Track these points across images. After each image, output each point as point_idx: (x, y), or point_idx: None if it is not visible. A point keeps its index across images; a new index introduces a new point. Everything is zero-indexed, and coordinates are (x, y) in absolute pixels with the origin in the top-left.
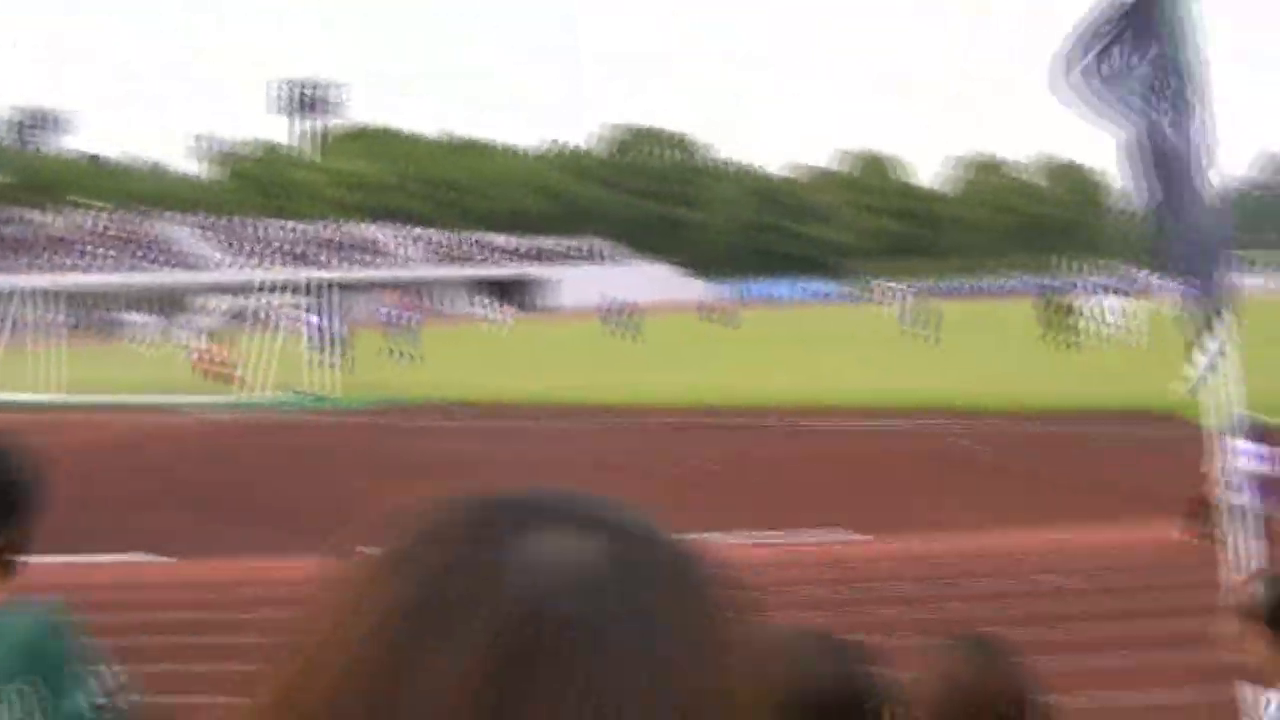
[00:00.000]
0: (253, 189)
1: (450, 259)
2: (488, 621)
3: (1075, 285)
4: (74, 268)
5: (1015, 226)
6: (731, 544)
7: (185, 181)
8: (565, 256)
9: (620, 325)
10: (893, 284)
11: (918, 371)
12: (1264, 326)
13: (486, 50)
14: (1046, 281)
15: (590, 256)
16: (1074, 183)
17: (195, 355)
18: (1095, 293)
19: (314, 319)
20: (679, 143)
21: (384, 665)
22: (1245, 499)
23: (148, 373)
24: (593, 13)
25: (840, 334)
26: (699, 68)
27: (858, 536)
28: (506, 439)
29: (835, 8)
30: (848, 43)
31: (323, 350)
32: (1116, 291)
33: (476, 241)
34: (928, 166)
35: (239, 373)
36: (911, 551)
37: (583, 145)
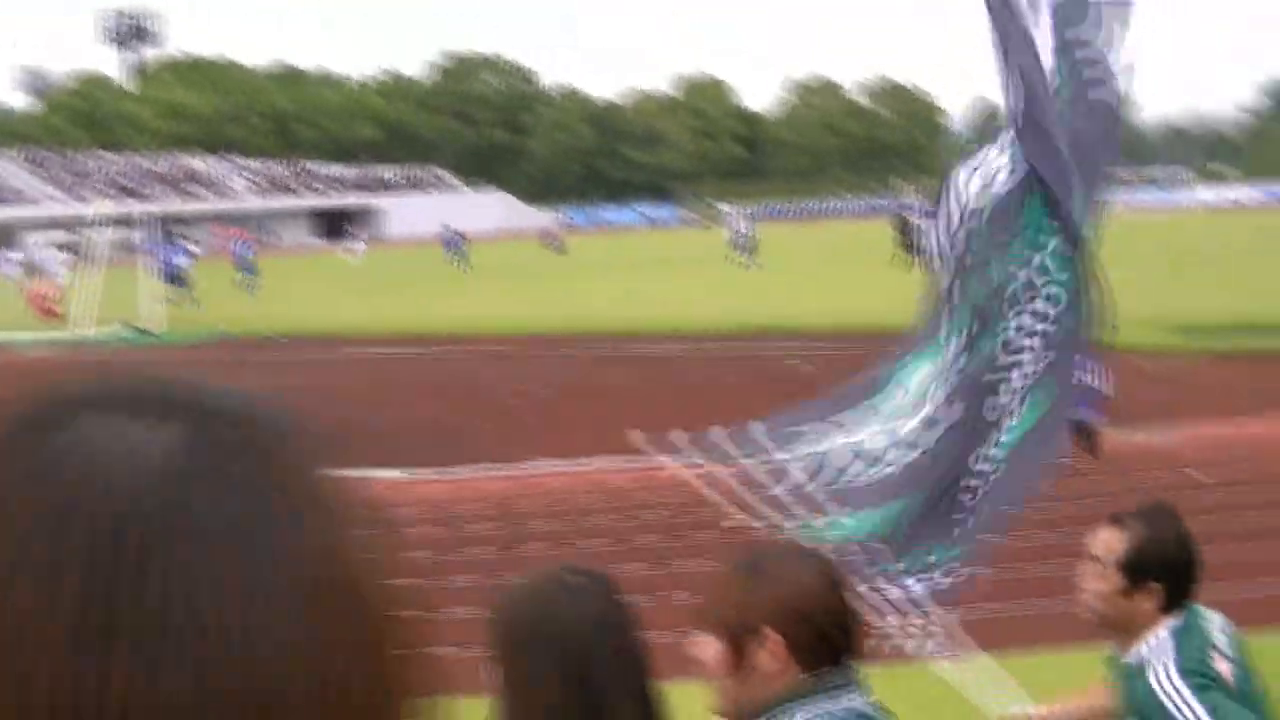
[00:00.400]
0: (77, 121)
1: (282, 190)
2: (77, 539)
3: (914, 206)
4: None
5: (848, 149)
6: (563, 470)
7: (6, 114)
8: (399, 186)
9: (457, 254)
10: (726, 207)
11: (749, 294)
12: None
13: None
14: (884, 202)
15: (424, 185)
16: (905, 104)
17: (26, 293)
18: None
19: (156, 252)
20: (511, 69)
21: None
22: (1083, 413)
23: None
24: None
25: (674, 258)
26: None
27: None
28: (336, 369)
29: None
30: None
31: (168, 283)
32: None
33: (308, 172)
34: (760, 90)
35: (67, 309)
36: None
37: (414, 73)
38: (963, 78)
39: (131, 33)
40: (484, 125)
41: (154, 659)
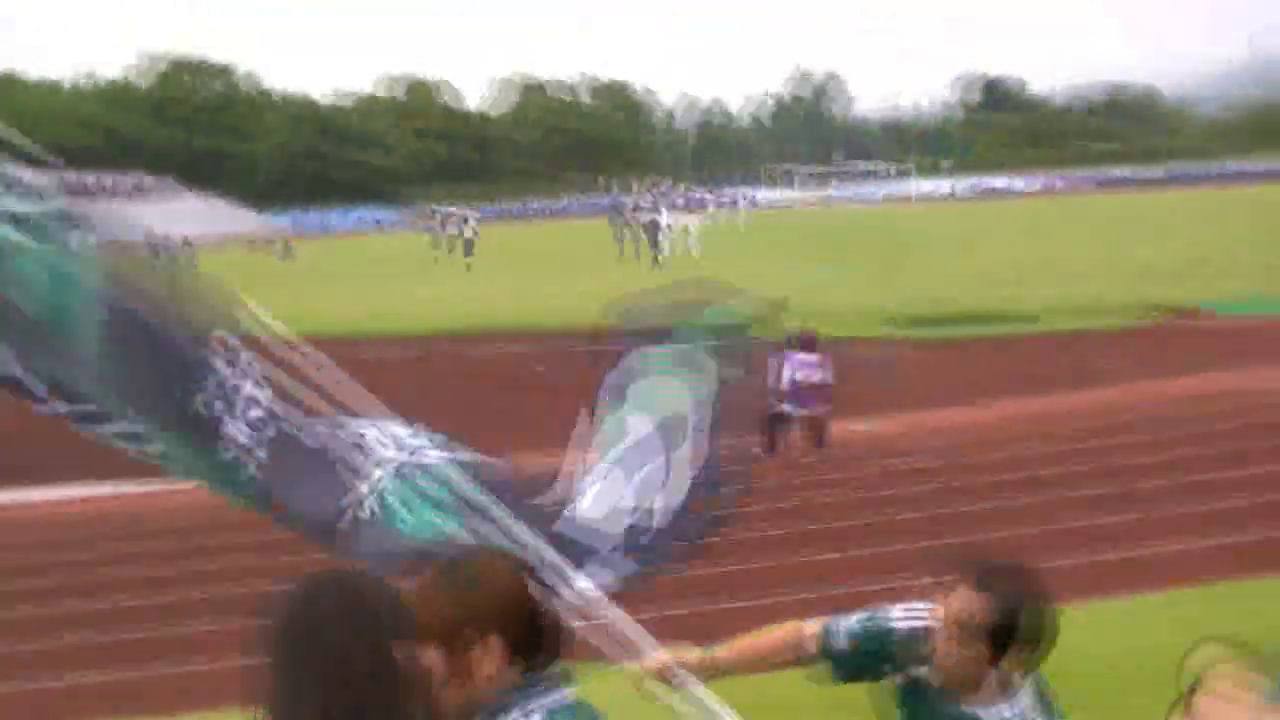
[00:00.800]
0: None
1: None
2: None
3: (633, 203)
4: None
5: (563, 146)
6: None
7: None
8: (109, 192)
9: (167, 260)
10: (446, 209)
11: (470, 294)
12: (790, 235)
13: None
14: (607, 200)
15: (134, 192)
16: (618, 101)
17: None
18: (667, 210)
19: None
20: (222, 73)
21: None
22: (800, 408)
23: None
24: None
25: (393, 259)
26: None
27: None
28: None
29: None
30: None
31: None
32: (685, 208)
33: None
34: (473, 90)
35: None
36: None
37: (122, 77)
38: (676, 74)
39: None
40: (197, 130)
41: None
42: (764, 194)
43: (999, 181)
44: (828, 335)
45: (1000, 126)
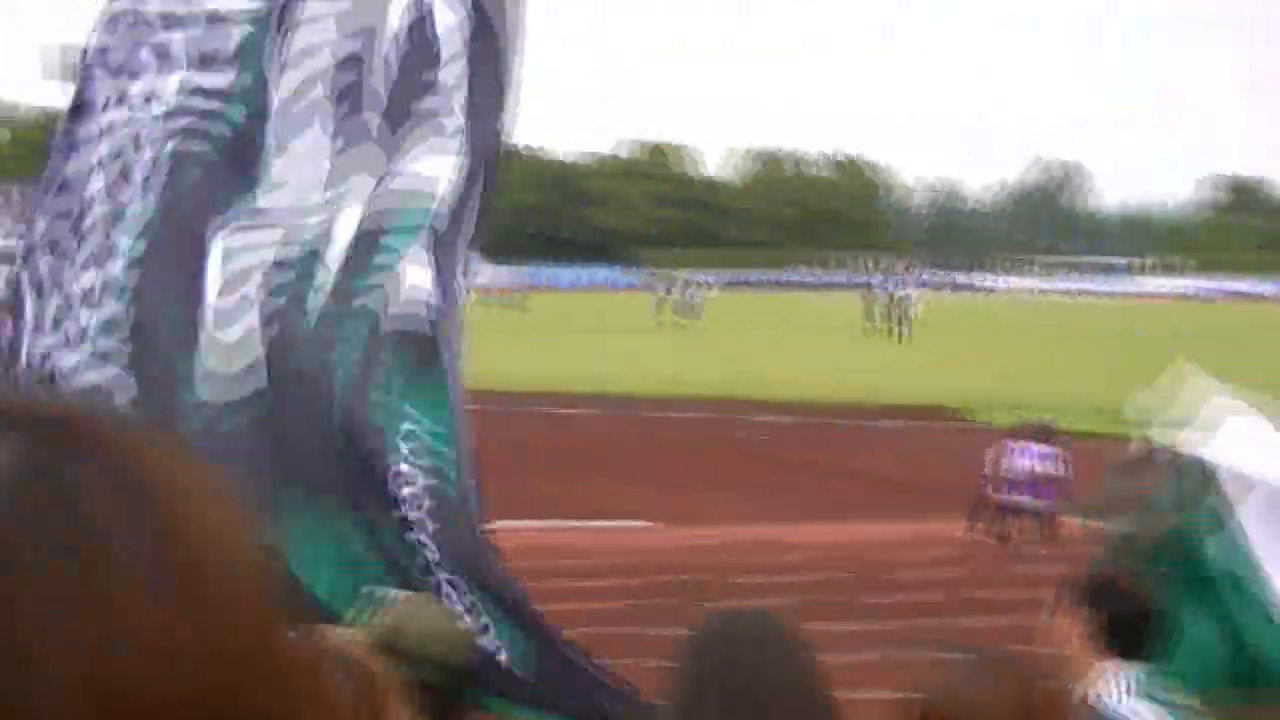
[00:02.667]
0: (37, 156)
1: None
2: None
3: (877, 280)
4: None
5: (796, 218)
6: (520, 530)
7: None
8: None
9: None
10: (680, 273)
11: (707, 362)
12: (1043, 328)
13: None
14: (842, 278)
15: None
16: (862, 179)
17: None
18: (908, 287)
19: None
20: None
21: None
22: (1026, 498)
23: None
24: None
25: (627, 321)
26: None
27: (641, 525)
28: None
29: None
30: (636, 26)
31: None
32: (919, 286)
33: None
34: (721, 157)
35: None
36: (692, 542)
37: None
38: (919, 157)
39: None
40: None
41: (18, 673)
42: (997, 280)
43: (1243, 284)
44: (1064, 429)
45: (1246, 229)
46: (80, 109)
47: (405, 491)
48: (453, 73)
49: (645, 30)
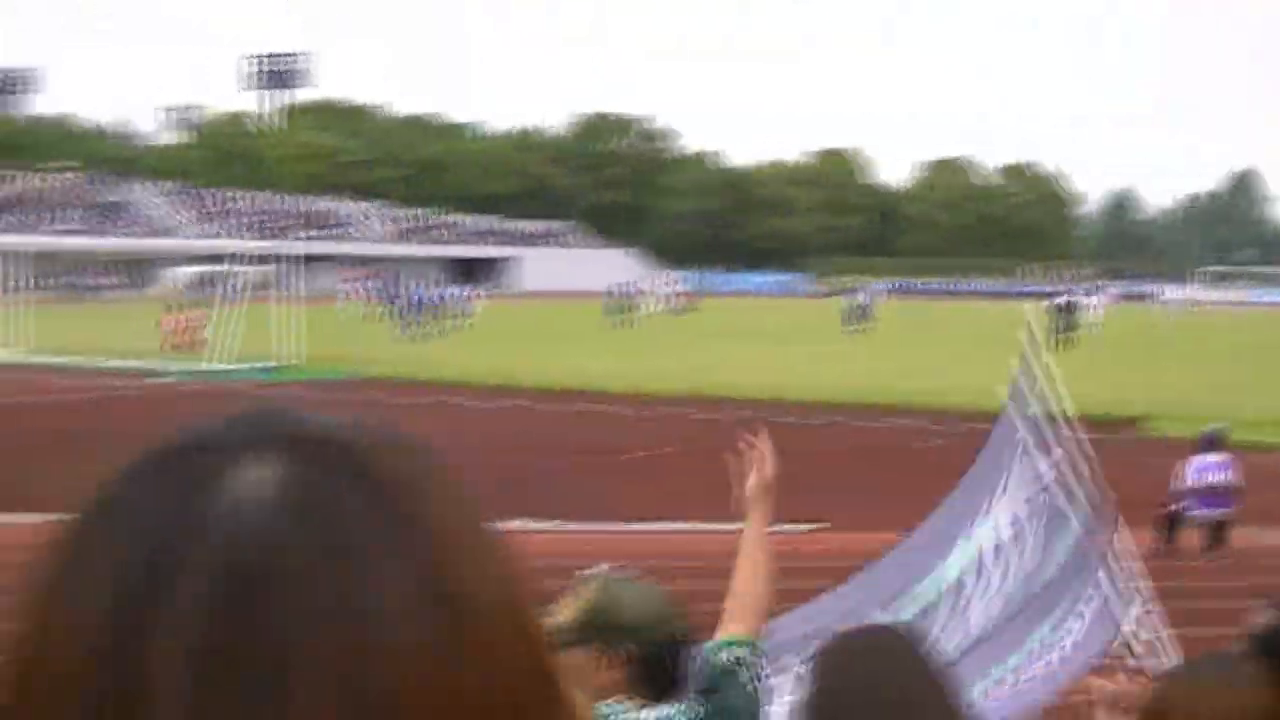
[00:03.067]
0: (221, 159)
1: (415, 236)
2: (189, 585)
3: (1055, 289)
4: (42, 228)
5: (978, 229)
6: (686, 531)
7: (154, 149)
8: (530, 239)
9: (617, 311)
10: (855, 280)
11: (880, 367)
12: (1218, 339)
13: (465, 27)
14: (1014, 288)
15: (554, 240)
16: (1038, 188)
17: (168, 325)
18: (1086, 294)
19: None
20: (648, 131)
21: (101, 642)
22: (1204, 509)
23: (116, 336)
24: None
25: (804, 327)
26: (675, 61)
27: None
28: (477, 417)
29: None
30: (829, 40)
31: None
32: (1092, 294)
33: (442, 220)
34: (894, 165)
35: (206, 340)
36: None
37: (554, 129)
38: (1098, 166)
39: (278, 76)
40: (617, 184)
41: (276, 694)
42: (1173, 290)
43: None
44: (1240, 439)
45: None
46: None
47: None
48: None
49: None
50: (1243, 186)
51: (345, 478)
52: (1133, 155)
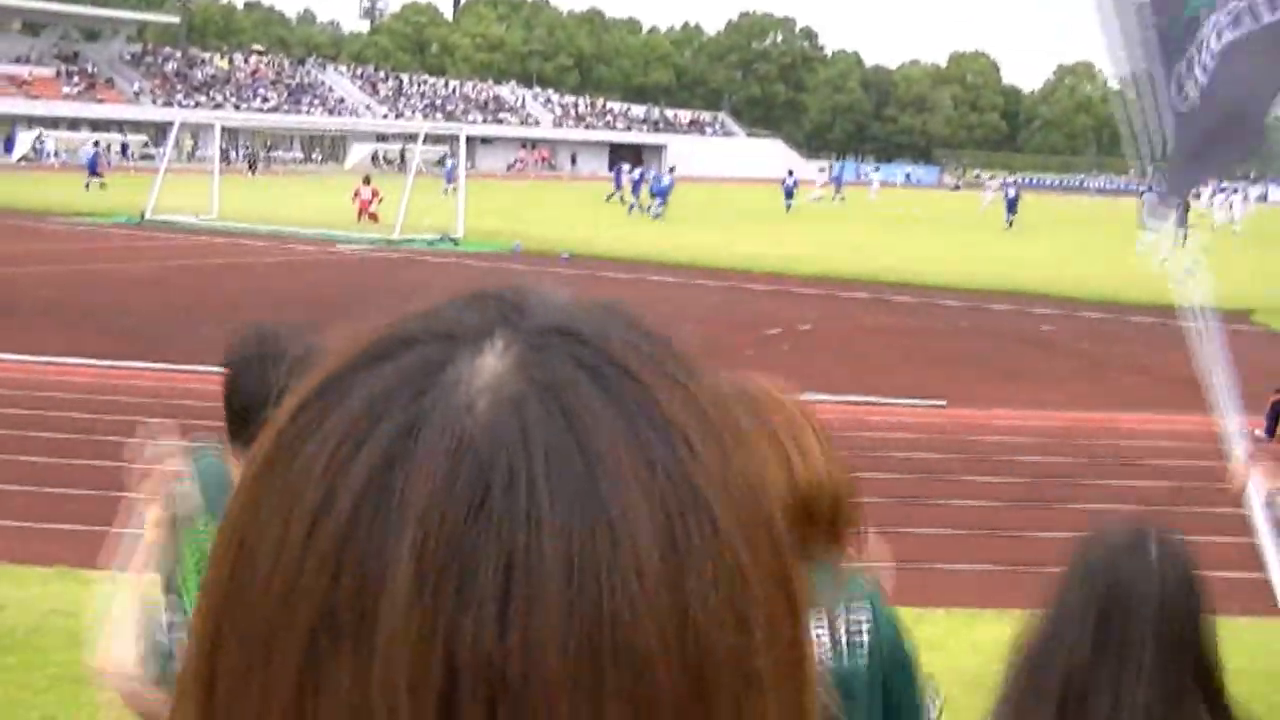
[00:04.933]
0: (403, 46)
1: (580, 122)
2: (418, 482)
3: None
4: (234, 105)
5: (1101, 130)
6: (827, 403)
7: (344, 36)
8: (687, 127)
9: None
10: (986, 175)
11: (1010, 258)
12: None
13: None
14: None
15: (705, 128)
16: (1142, 87)
17: (355, 197)
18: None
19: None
20: (795, 30)
21: (324, 540)
22: None
23: (306, 208)
24: None
25: (937, 218)
26: None
27: (931, 404)
28: (618, 289)
29: None
30: None
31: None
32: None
33: (605, 108)
34: (1026, 69)
35: (384, 213)
36: (999, 423)
37: (711, 28)
38: None
39: None
40: (766, 80)
41: (508, 601)
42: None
43: None
44: None
45: None
46: None
47: None
48: None
49: None
50: None
51: (581, 368)
52: None
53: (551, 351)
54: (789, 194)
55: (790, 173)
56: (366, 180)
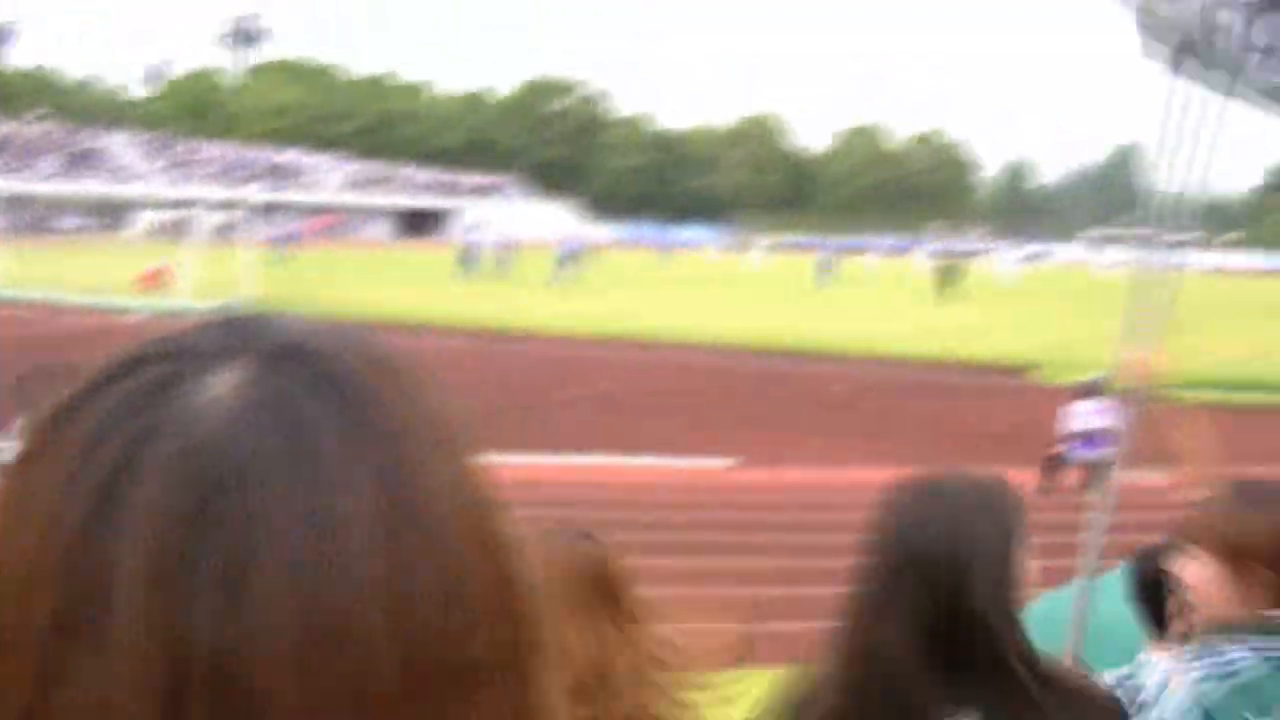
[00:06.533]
0: (190, 112)
1: (370, 188)
2: (145, 489)
3: (948, 247)
4: (13, 173)
5: (886, 191)
6: (609, 465)
7: (126, 101)
8: (476, 191)
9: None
10: (771, 236)
11: (801, 317)
12: (1106, 295)
13: None
14: (915, 243)
15: (497, 193)
16: (941, 155)
17: (140, 272)
18: (976, 254)
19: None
20: (587, 94)
21: (59, 547)
22: (1087, 452)
23: (85, 275)
24: None
25: (725, 278)
26: (616, 26)
27: (722, 463)
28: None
29: None
30: (744, 11)
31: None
32: (985, 254)
33: (396, 173)
34: (812, 130)
35: (174, 281)
36: (789, 481)
37: (501, 90)
38: (999, 137)
39: (245, 35)
40: (557, 143)
41: (231, 596)
42: (1063, 251)
43: None
44: (1116, 388)
45: None
46: None
47: None
48: None
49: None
50: (1123, 158)
51: (309, 383)
52: (1031, 129)
53: (283, 367)
54: (566, 260)
55: (570, 239)
56: (155, 249)
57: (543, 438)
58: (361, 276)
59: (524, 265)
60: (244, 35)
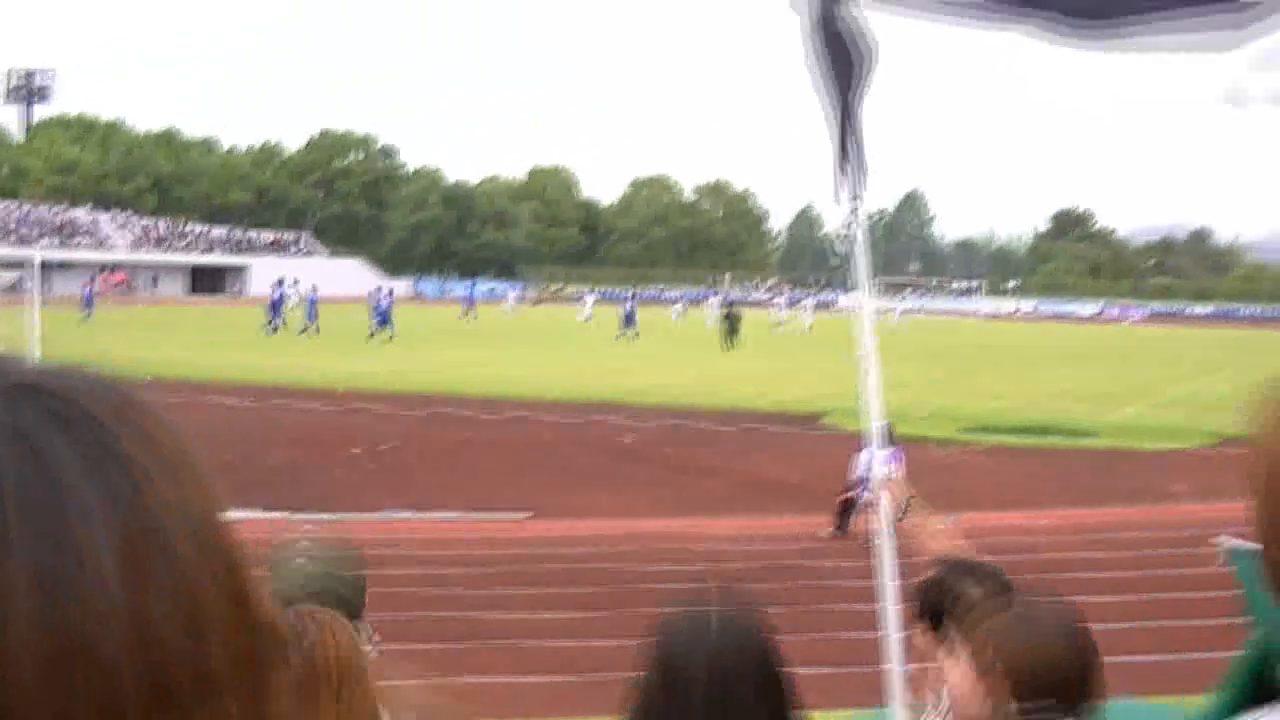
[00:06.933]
0: None
1: (158, 245)
2: None
3: (737, 296)
4: None
5: (677, 241)
6: (401, 520)
7: None
8: (269, 248)
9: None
10: (569, 288)
11: (594, 368)
12: (900, 345)
13: (208, 43)
14: (707, 293)
15: (290, 249)
16: (732, 205)
17: None
18: (765, 303)
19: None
20: (376, 148)
21: None
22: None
23: None
24: (307, 22)
25: (521, 332)
26: (406, 81)
27: (515, 517)
28: (200, 413)
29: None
30: (549, 65)
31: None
32: (774, 303)
33: (187, 230)
34: (602, 182)
35: None
36: (573, 533)
37: (292, 147)
38: (788, 187)
39: (26, 90)
40: (348, 198)
41: None
42: (845, 298)
43: (1064, 306)
44: (904, 434)
45: (1068, 255)
46: None
47: None
48: None
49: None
50: (910, 206)
51: (47, 418)
52: (815, 176)
53: (23, 404)
54: (382, 313)
55: (378, 292)
56: None
57: (331, 494)
58: (153, 334)
59: (330, 320)
60: (26, 91)
